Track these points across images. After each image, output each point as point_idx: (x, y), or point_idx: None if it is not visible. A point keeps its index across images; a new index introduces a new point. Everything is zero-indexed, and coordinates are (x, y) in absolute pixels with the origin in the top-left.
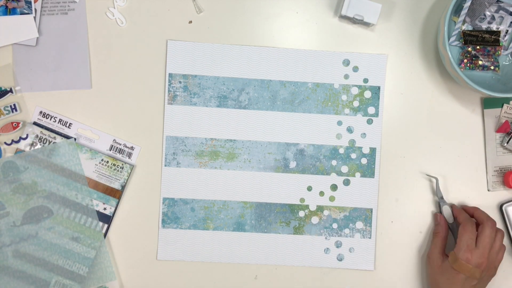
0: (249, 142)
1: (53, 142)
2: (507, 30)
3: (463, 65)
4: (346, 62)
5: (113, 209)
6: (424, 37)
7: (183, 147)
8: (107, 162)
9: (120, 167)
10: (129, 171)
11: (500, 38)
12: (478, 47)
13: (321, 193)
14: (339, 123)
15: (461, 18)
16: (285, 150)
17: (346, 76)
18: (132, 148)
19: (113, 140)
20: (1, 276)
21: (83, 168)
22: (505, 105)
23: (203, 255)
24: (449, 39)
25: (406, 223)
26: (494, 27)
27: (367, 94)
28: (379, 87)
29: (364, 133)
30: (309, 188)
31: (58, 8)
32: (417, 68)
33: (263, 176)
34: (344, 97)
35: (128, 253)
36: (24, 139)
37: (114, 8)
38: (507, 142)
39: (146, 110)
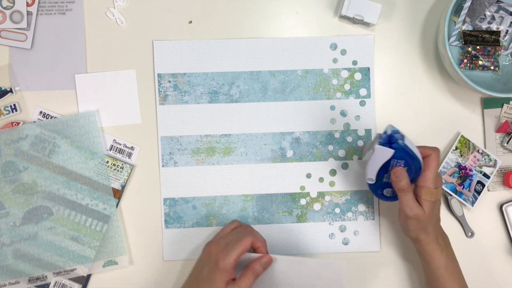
0: (244, 135)
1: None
2: (507, 30)
3: (463, 65)
4: (334, 46)
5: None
6: (424, 37)
7: (179, 146)
8: (107, 162)
9: (120, 167)
10: (129, 171)
11: (500, 38)
12: (478, 47)
13: (321, 179)
14: (332, 107)
15: (461, 18)
16: (280, 140)
17: (335, 60)
18: (132, 148)
19: (113, 140)
20: (1, 276)
21: (85, 166)
22: (505, 105)
23: None
24: (449, 39)
25: None
26: (494, 27)
27: (357, 76)
28: (368, 68)
29: (358, 116)
30: (308, 176)
31: (56, 8)
32: (417, 68)
33: (261, 168)
34: (334, 81)
35: (134, 256)
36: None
37: (114, 8)
38: (507, 142)
39: (142, 110)
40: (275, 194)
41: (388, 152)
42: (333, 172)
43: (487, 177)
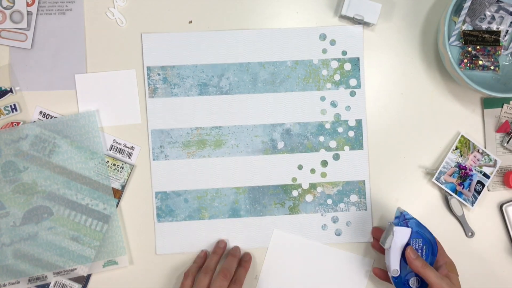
0: (234, 127)
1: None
2: (507, 30)
3: (463, 65)
4: (323, 37)
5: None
6: (424, 37)
7: (170, 139)
8: (107, 162)
9: (120, 167)
10: (129, 171)
11: (500, 38)
12: (478, 47)
13: (312, 171)
14: (322, 98)
15: (461, 18)
16: (271, 132)
17: (324, 51)
18: (132, 148)
19: (113, 140)
20: (1, 276)
21: (85, 166)
22: (505, 105)
23: (202, 245)
24: (449, 39)
25: None
26: (494, 27)
27: (347, 66)
28: (358, 58)
29: (349, 106)
30: (300, 167)
31: (56, 8)
32: (417, 68)
33: (253, 160)
34: (324, 72)
35: (134, 256)
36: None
37: (114, 8)
38: (507, 142)
39: (142, 110)
40: (267, 186)
41: (407, 231)
42: (324, 163)
43: (487, 177)
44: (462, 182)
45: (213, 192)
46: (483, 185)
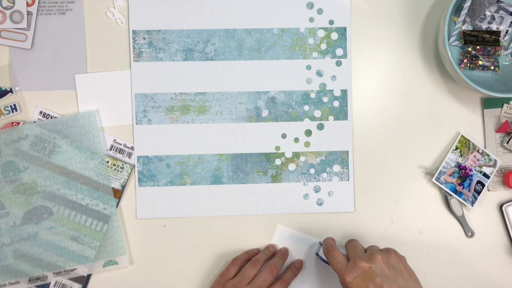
0: (219, 94)
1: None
2: (507, 30)
3: (463, 65)
4: (310, 5)
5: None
6: (424, 37)
7: (153, 104)
8: (107, 162)
9: (120, 167)
10: (129, 171)
11: (500, 38)
12: (478, 47)
13: (296, 140)
14: (308, 67)
15: (461, 18)
16: (256, 99)
17: (311, 19)
18: (132, 148)
19: (113, 140)
20: (1, 276)
21: (85, 166)
22: (505, 105)
23: (183, 210)
24: (449, 39)
25: (406, 223)
26: (494, 27)
27: (334, 36)
28: (345, 28)
29: (334, 76)
30: (284, 136)
31: (56, 8)
32: (417, 68)
33: (236, 127)
34: (311, 41)
35: (134, 256)
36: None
37: (114, 8)
38: (507, 142)
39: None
40: (250, 154)
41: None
42: (308, 133)
43: (487, 177)
44: (462, 182)
45: (195, 158)
46: (483, 185)
